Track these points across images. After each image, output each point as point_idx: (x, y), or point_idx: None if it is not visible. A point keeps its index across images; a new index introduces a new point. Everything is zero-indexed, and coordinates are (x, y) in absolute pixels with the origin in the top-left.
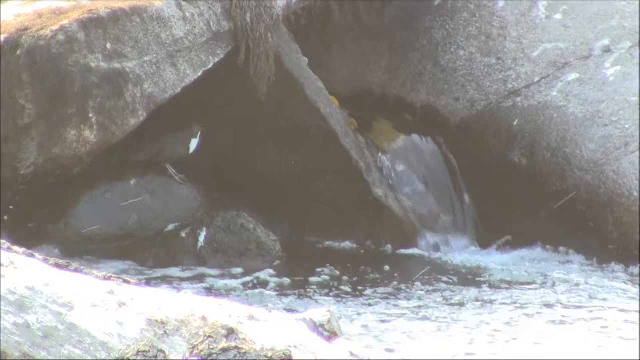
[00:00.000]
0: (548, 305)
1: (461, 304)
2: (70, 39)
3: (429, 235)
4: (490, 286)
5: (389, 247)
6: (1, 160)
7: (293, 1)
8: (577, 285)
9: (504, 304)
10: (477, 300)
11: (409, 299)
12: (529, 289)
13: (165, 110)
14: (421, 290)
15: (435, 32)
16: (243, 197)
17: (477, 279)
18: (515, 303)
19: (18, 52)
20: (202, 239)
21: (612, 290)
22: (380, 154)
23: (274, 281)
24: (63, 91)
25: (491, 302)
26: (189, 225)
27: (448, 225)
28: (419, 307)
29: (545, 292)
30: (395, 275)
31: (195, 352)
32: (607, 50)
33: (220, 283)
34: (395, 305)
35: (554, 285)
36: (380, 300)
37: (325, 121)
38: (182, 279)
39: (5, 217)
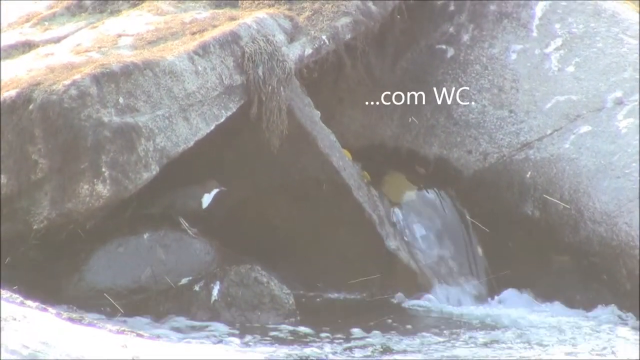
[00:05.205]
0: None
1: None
2: (83, 93)
3: (442, 287)
4: (503, 340)
5: (401, 299)
6: (15, 216)
7: (305, 54)
8: (590, 337)
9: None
10: (489, 354)
11: (423, 352)
12: (544, 342)
13: (178, 163)
14: (436, 343)
15: (448, 85)
16: (256, 250)
17: (490, 332)
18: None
19: (30, 107)
20: (215, 292)
21: (625, 342)
22: (393, 207)
23: (287, 334)
24: (76, 146)
25: (503, 353)
26: (203, 279)
27: (461, 277)
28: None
29: (561, 345)
30: (409, 328)
31: None
32: (619, 102)
33: (234, 336)
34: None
35: (568, 337)
36: (394, 353)
37: (338, 174)
38: (196, 333)
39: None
